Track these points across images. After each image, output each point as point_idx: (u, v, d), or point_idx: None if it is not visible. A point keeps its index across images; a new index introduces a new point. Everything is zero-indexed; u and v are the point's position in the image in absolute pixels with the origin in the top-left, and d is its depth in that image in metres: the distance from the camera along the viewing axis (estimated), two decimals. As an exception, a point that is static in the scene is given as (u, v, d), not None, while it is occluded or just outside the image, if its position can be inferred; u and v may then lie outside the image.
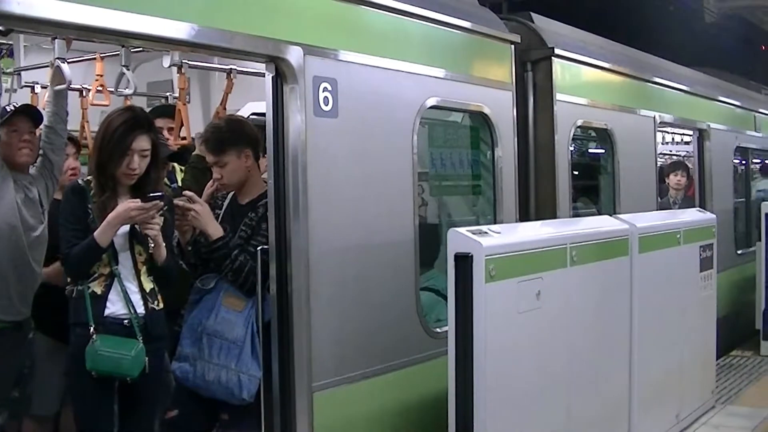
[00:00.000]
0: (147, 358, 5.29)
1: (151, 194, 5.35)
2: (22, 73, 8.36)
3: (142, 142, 5.40)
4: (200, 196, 6.06)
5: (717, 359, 9.12)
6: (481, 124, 7.35)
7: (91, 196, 5.41)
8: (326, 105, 5.56)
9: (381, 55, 6.06)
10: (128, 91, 6.57)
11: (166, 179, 7.19)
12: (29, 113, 5.92)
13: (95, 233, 5.25)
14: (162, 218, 5.41)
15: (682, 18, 21.04)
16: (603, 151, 9.53)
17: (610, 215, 7.49)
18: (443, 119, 7.39)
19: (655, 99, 10.41)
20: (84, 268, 5.32)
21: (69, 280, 5.43)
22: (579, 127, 8.60)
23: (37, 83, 8.18)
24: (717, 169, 11.85)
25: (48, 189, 5.82)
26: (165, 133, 7.20)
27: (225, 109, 7.92)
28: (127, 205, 5.26)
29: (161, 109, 7.59)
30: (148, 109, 7.10)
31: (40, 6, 4.13)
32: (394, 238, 6.13)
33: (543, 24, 8.58)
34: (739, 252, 12.51)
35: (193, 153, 7.06)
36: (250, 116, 7.89)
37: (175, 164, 7.42)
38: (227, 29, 5.01)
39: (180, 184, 7.23)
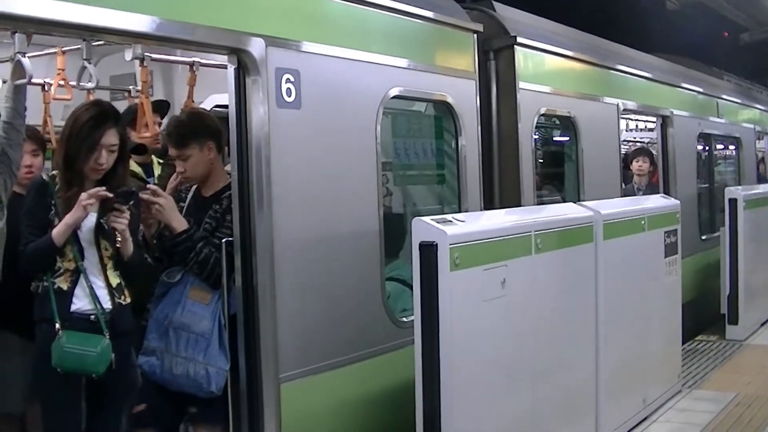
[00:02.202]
0: (114, 354, 5.25)
1: (121, 190, 5.34)
2: (-18, 68, 8.29)
3: (111, 137, 5.37)
4: None
5: (683, 344, 9.19)
6: (444, 113, 7.37)
7: (56, 191, 5.39)
8: (289, 96, 5.56)
9: (343, 45, 6.07)
10: (90, 85, 6.52)
11: (143, 173, 7.16)
12: None
13: (53, 232, 5.24)
14: (129, 212, 5.38)
15: (645, 5, 21.12)
16: (567, 138, 9.57)
17: (575, 202, 7.52)
18: (406, 109, 7.40)
19: (618, 86, 10.46)
20: (37, 265, 5.30)
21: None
22: (542, 115, 8.63)
23: (-3, 78, 8.10)
24: (680, 155, 11.93)
25: (6, 184, 5.76)
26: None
27: (193, 101, 7.89)
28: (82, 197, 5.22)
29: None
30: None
31: (-2, 1, 4.10)
32: (359, 229, 6.14)
33: (505, 13, 8.60)
34: (703, 237, 12.60)
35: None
36: (213, 108, 7.85)
37: (154, 157, 7.39)
38: (189, 22, 5.00)
39: (157, 180, 7.19)
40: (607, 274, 6.89)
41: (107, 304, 5.35)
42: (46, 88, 7.59)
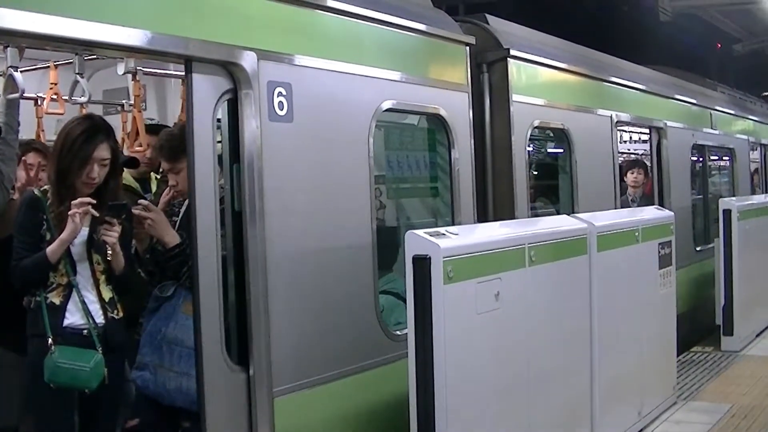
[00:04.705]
0: (106, 369, 5.24)
1: (113, 203, 5.33)
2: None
3: (102, 151, 5.37)
4: None
5: (678, 355, 9.18)
6: (437, 126, 7.36)
7: (48, 206, 5.37)
8: (281, 110, 5.55)
9: (336, 58, 6.06)
10: (83, 99, 6.51)
11: (140, 188, 7.15)
12: None
13: (47, 249, 5.22)
14: (120, 226, 5.37)
15: (637, 17, 21.19)
16: (561, 150, 9.57)
17: (569, 214, 7.51)
18: (399, 122, 7.39)
19: (612, 98, 10.47)
20: (32, 281, 5.29)
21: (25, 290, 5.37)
22: (536, 127, 8.64)
23: (-11, 93, 8.07)
24: (675, 166, 11.94)
25: (-1, 199, 5.77)
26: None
27: (186, 115, 7.87)
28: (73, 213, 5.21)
29: (151, 128, 7.50)
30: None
31: (-10, 15, 4.09)
32: (352, 242, 6.13)
33: (498, 25, 8.61)
34: (698, 249, 12.61)
35: None
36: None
37: (152, 173, 7.39)
38: (181, 35, 4.99)
39: (153, 195, 7.18)
40: (601, 286, 6.88)
41: (100, 319, 5.34)
42: (38, 102, 7.59)
